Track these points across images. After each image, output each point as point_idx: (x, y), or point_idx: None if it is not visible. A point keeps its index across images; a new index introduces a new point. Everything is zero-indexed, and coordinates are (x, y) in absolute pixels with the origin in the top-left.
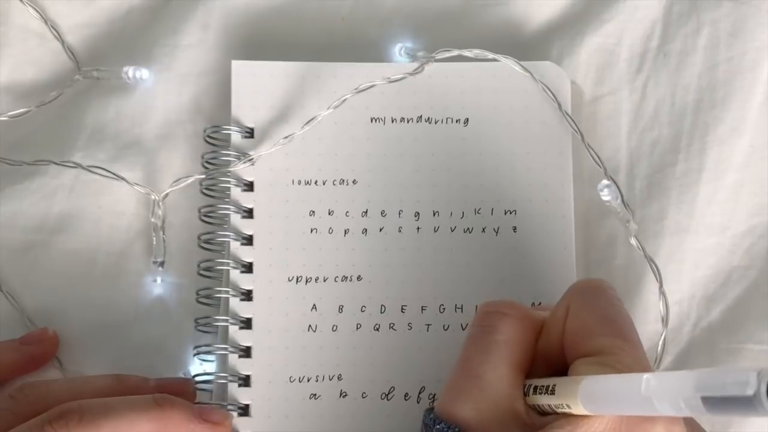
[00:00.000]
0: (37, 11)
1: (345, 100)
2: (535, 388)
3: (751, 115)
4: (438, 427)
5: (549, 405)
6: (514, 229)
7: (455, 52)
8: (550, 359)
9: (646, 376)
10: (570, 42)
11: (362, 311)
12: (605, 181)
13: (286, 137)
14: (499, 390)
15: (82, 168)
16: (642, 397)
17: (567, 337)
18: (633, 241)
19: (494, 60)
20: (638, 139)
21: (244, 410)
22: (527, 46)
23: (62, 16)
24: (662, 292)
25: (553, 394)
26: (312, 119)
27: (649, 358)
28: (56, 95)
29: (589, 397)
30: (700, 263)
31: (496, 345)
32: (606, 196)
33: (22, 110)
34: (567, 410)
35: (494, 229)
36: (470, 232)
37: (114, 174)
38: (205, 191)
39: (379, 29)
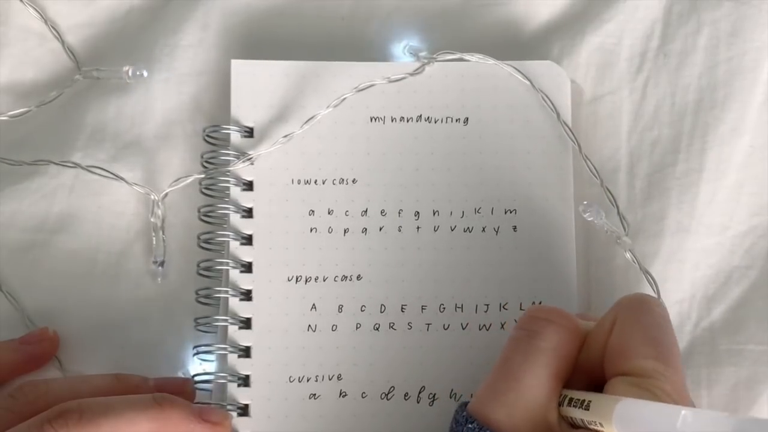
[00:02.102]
0: (37, 11)
1: (344, 99)
2: (570, 400)
3: (751, 115)
4: (470, 426)
5: (582, 420)
6: (514, 228)
7: (457, 55)
8: (589, 371)
9: (684, 412)
10: (570, 42)
11: (362, 311)
12: (585, 202)
13: (286, 136)
14: (536, 397)
15: (81, 168)
16: None
17: (608, 353)
18: (628, 255)
19: (495, 65)
20: (638, 139)
21: (244, 410)
22: (527, 45)
23: (62, 16)
24: None
25: (588, 409)
26: (311, 118)
27: None
28: (56, 95)
29: (623, 420)
30: (701, 263)
31: (540, 352)
32: (589, 217)
33: (22, 110)
34: (599, 428)
35: (494, 228)
36: (470, 232)
37: (113, 174)
38: (204, 191)
39: (379, 29)
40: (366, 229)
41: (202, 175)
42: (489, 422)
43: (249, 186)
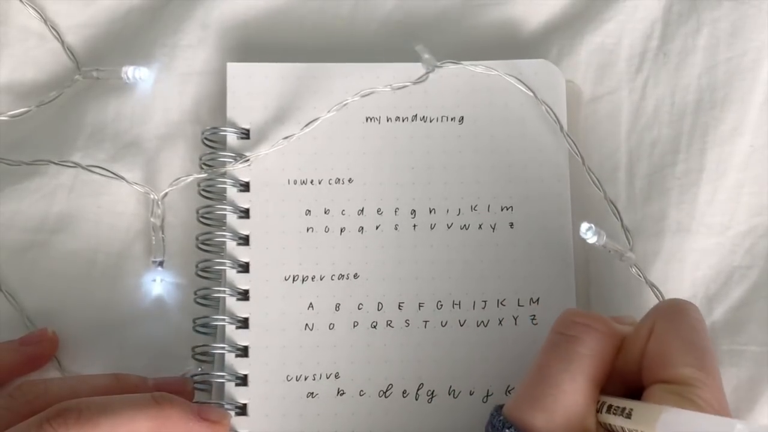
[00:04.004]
0: (37, 11)
1: (346, 104)
2: (610, 407)
3: (751, 115)
4: (507, 431)
5: (623, 428)
6: (511, 225)
7: (460, 65)
8: (625, 376)
9: (738, 426)
10: (569, 41)
11: (359, 309)
12: (585, 224)
13: (286, 138)
14: (575, 403)
15: (81, 167)
16: None
17: (647, 360)
18: (633, 270)
19: (497, 74)
20: (638, 139)
21: (242, 409)
22: (526, 45)
23: (62, 16)
24: None
25: (629, 418)
26: (312, 121)
27: None
28: (56, 95)
29: (668, 430)
30: (701, 263)
31: (579, 357)
32: (591, 239)
33: (22, 110)
34: None
35: (491, 226)
36: (467, 229)
37: (113, 173)
38: (202, 193)
39: (380, 28)
40: (362, 228)
41: (202, 175)
42: (527, 427)
43: (246, 187)
